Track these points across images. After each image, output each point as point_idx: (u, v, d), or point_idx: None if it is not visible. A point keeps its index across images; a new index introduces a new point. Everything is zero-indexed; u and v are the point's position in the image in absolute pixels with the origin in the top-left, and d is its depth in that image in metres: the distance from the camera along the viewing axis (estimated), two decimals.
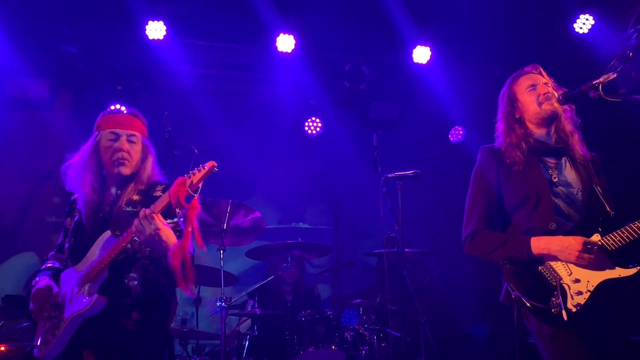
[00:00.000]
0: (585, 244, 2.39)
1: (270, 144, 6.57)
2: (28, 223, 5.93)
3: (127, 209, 2.56)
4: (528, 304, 2.40)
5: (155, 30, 5.18)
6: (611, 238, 2.43)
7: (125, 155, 2.59)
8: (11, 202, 5.89)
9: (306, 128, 6.52)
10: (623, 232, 2.42)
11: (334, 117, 6.46)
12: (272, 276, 4.98)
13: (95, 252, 2.49)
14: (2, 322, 4.55)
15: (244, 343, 4.59)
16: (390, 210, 4.22)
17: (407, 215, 4.29)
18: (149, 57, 5.47)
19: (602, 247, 2.44)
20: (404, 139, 6.74)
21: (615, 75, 2.41)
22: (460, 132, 6.79)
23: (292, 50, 5.51)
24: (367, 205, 6.01)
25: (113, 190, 2.64)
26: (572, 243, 2.40)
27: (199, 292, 5.07)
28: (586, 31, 5.52)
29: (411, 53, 5.78)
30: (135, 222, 2.31)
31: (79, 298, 2.45)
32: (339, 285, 5.55)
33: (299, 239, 4.85)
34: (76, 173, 2.61)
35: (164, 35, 5.22)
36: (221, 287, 4.32)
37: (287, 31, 5.43)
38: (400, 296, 4.26)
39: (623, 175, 5.14)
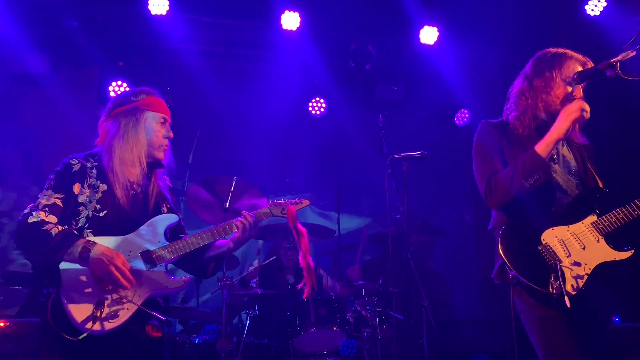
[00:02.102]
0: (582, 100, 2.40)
1: (274, 124, 6.50)
2: (29, 198, 5.89)
3: (162, 194, 2.70)
4: (527, 284, 2.32)
5: (158, 5, 5.09)
6: (607, 219, 2.41)
7: (167, 142, 2.71)
8: (11, 175, 5.84)
9: (310, 108, 6.44)
10: (618, 214, 2.40)
11: (339, 97, 6.37)
12: (274, 257, 4.95)
13: (156, 231, 2.55)
14: (1, 297, 4.53)
15: (244, 323, 4.58)
16: (395, 191, 4.16)
17: (412, 197, 4.24)
18: (152, 32, 5.37)
19: (599, 229, 2.41)
20: (409, 121, 6.66)
21: (634, 53, 2.33)
22: (466, 115, 6.71)
23: (297, 28, 5.42)
24: (371, 187, 5.97)
25: (136, 169, 2.63)
26: (572, 105, 2.40)
27: None
28: (598, 13, 5.41)
29: (418, 33, 5.69)
30: (244, 222, 2.61)
31: (159, 275, 2.49)
32: (340, 267, 5.53)
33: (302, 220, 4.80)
34: (113, 146, 2.58)
35: (167, 11, 5.13)
36: (222, 267, 4.29)
37: (293, 8, 5.33)
38: (403, 279, 4.22)
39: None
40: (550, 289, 2.29)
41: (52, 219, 2.41)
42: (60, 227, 2.38)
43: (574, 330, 2.31)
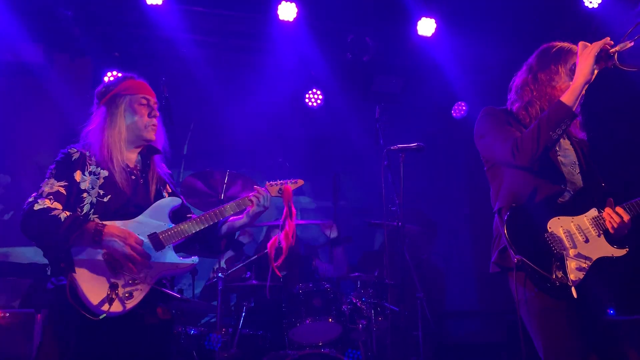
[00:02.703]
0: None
1: (269, 115, 6.47)
2: (23, 187, 5.87)
3: (162, 179, 2.77)
4: (532, 268, 2.30)
5: None
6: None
7: (155, 121, 2.72)
8: (6, 166, 5.81)
9: (307, 100, 6.41)
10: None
11: (336, 89, 6.34)
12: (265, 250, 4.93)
13: (161, 214, 2.59)
14: None
15: (240, 314, 4.58)
16: (391, 184, 4.16)
17: (408, 189, 4.23)
18: (147, 23, 5.32)
19: (600, 224, 2.42)
20: (406, 113, 6.64)
21: (632, 44, 2.32)
22: (463, 108, 6.70)
23: (294, 19, 5.38)
24: (368, 179, 5.96)
25: (133, 154, 2.72)
26: (588, 47, 2.35)
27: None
28: (596, 6, 5.39)
29: (416, 25, 5.65)
30: (257, 195, 2.72)
31: (168, 256, 2.54)
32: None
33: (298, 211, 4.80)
34: (102, 137, 2.64)
35: (163, 1, 5.08)
36: (218, 258, 4.29)
37: None
38: (398, 271, 4.22)
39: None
40: (554, 277, 2.29)
41: (58, 205, 2.45)
42: (67, 213, 2.41)
43: (572, 321, 2.31)
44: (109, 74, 5.66)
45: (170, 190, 2.78)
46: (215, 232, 2.80)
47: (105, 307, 2.33)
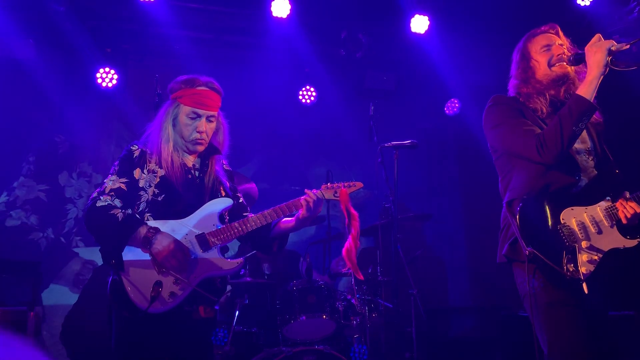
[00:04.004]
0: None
1: (263, 112, 6.46)
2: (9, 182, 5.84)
3: (218, 179, 2.80)
4: (543, 261, 2.29)
5: None
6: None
7: (204, 136, 2.72)
8: None
9: (300, 97, 6.41)
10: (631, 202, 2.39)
11: (329, 85, 6.34)
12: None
13: (212, 215, 2.64)
14: None
15: (234, 312, 4.57)
16: (385, 180, 4.17)
17: (402, 186, 4.25)
18: (140, 19, 5.30)
19: (613, 215, 2.40)
20: (399, 110, 6.66)
21: (628, 46, 2.34)
22: (456, 105, 6.72)
23: (288, 15, 5.36)
24: (362, 175, 5.97)
25: (191, 154, 2.77)
26: (598, 46, 2.37)
27: None
28: (588, 3, 5.41)
29: (409, 22, 5.65)
30: (308, 199, 2.66)
31: (214, 257, 2.59)
32: (329, 256, 5.53)
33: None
34: (157, 137, 2.68)
35: None
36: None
37: None
38: (392, 267, 4.24)
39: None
40: (565, 270, 2.29)
41: (118, 202, 2.56)
42: (125, 212, 2.53)
43: (578, 316, 2.31)
44: (101, 70, 5.64)
45: (225, 191, 2.80)
46: (266, 233, 2.82)
47: (148, 304, 2.42)
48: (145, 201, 2.60)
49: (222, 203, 2.70)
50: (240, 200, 2.90)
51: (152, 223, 2.55)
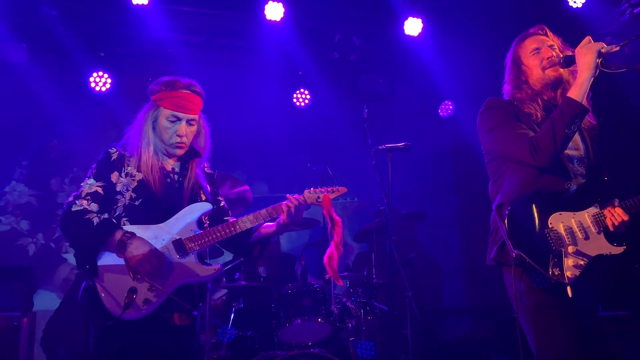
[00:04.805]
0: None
1: (257, 115, 6.45)
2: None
3: (198, 183, 2.74)
4: (529, 264, 2.30)
5: None
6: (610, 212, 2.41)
7: (184, 139, 2.67)
8: None
9: (294, 100, 6.41)
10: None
11: (323, 88, 6.34)
12: None
13: (190, 220, 2.58)
14: None
15: (229, 315, 4.57)
16: (379, 182, 4.17)
17: (396, 188, 4.25)
18: (133, 22, 5.29)
19: (600, 222, 2.42)
20: (393, 112, 6.66)
21: (618, 48, 2.35)
22: (450, 107, 6.73)
23: (281, 18, 5.37)
24: (356, 178, 5.97)
25: (170, 158, 2.72)
26: (588, 48, 2.37)
27: None
28: (580, 5, 5.44)
29: (402, 25, 5.67)
30: (289, 204, 2.63)
31: (191, 263, 2.54)
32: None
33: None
34: (138, 141, 2.64)
35: (149, 0, 5.04)
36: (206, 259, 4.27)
37: None
38: (387, 270, 4.24)
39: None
40: (550, 273, 2.30)
41: (94, 207, 2.52)
42: (100, 217, 2.49)
43: (565, 318, 2.32)
44: (94, 74, 5.62)
45: (205, 196, 2.74)
46: (246, 239, 2.77)
47: (121, 310, 2.37)
48: (123, 205, 2.55)
49: (201, 208, 2.64)
50: (222, 204, 2.86)
51: (128, 228, 2.50)
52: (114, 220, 2.52)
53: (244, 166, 6.63)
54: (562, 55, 2.58)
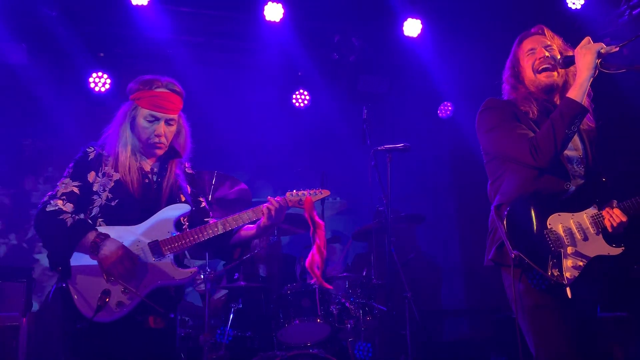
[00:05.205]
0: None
1: (257, 116, 6.46)
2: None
3: (177, 183, 2.69)
4: (528, 264, 2.30)
5: None
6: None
7: (163, 139, 2.62)
8: None
9: (294, 101, 6.41)
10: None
11: (322, 89, 6.35)
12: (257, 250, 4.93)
13: (167, 221, 2.53)
14: None
15: (228, 316, 4.56)
16: (379, 183, 4.18)
17: (395, 189, 4.25)
18: (132, 23, 5.29)
19: (599, 223, 2.42)
20: (392, 113, 6.67)
21: (617, 48, 2.35)
22: (449, 108, 6.74)
23: (281, 19, 5.37)
24: (355, 178, 5.98)
25: (149, 158, 2.68)
26: (587, 48, 2.37)
27: None
28: (579, 7, 5.45)
29: (402, 26, 5.68)
30: (269, 207, 2.57)
31: (166, 266, 2.49)
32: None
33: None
34: (115, 140, 2.60)
35: (148, 1, 5.05)
36: (205, 260, 4.27)
37: None
38: (386, 270, 4.24)
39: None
40: (549, 274, 2.30)
41: (69, 207, 2.47)
42: (75, 217, 2.43)
43: (563, 319, 2.32)
44: (94, 74, 5.62)
45: (185, 197, 2.69)
46: (226, 241, 2.73)
47: (93, 313, 2.33)
48: (99, 206, 2.50)
49: (179, 209, 2.59)
50: (202, 206, 2.81)
51: (102, 229, 2.44)
52: (90, 221, 2.48)
53: (244, 166, 6.63)
54: (559, 57, 2.58)
